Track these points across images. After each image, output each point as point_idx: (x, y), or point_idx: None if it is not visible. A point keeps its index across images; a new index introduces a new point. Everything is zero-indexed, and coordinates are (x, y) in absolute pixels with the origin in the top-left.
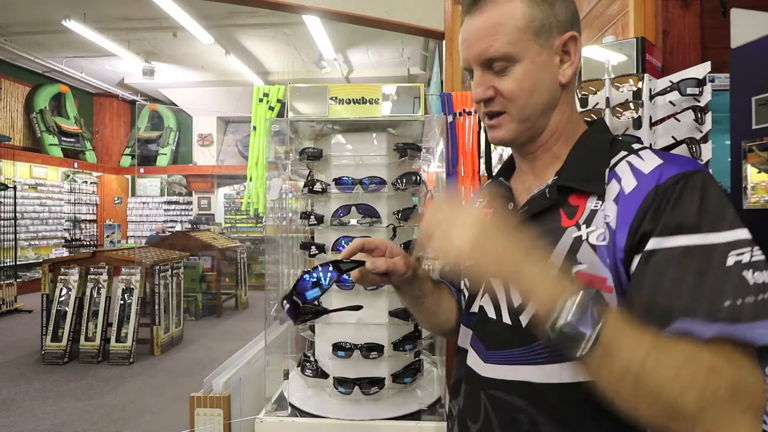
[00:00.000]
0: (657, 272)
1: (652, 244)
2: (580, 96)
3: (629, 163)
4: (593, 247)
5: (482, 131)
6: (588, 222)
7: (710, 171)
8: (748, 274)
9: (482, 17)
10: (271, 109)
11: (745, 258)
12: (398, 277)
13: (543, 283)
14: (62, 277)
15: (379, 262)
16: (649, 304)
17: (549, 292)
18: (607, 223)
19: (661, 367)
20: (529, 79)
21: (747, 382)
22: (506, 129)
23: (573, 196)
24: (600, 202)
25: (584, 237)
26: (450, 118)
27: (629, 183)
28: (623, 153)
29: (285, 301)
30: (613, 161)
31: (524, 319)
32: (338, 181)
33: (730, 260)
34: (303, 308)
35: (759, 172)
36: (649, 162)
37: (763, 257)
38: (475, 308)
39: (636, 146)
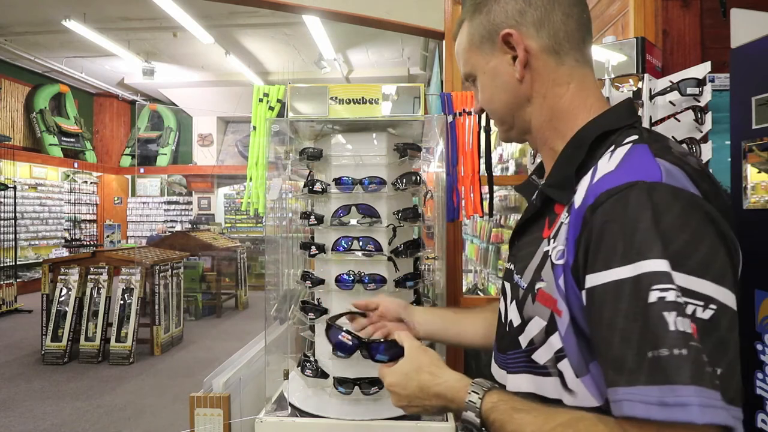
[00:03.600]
0: (598, 316)
1: (589, 281)
2: None
3: (596, 166)
4: (553, 265)
5: (482, 131)
6: (556, 236)
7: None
8: (670, 317)
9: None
10: (271, 109)
11: (669, 296)
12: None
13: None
14: (62, 277)
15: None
16: (598, 352)
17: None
18: (567, 239)
19: None
20: (486, 88)
21: None
22: (498, 130)
23: (558, 203)
24: (568, 214)
25: (550, 252)
26: (450, 118)
27: (580, 193)
28: (609, 149)
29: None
30: (599, 161)
31: (515, 320)
32: (338, 181)
33: (652, 296)
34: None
35: (759, 172)
36: (607, 167)
37: (679, 294)
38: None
39: (628, 140)
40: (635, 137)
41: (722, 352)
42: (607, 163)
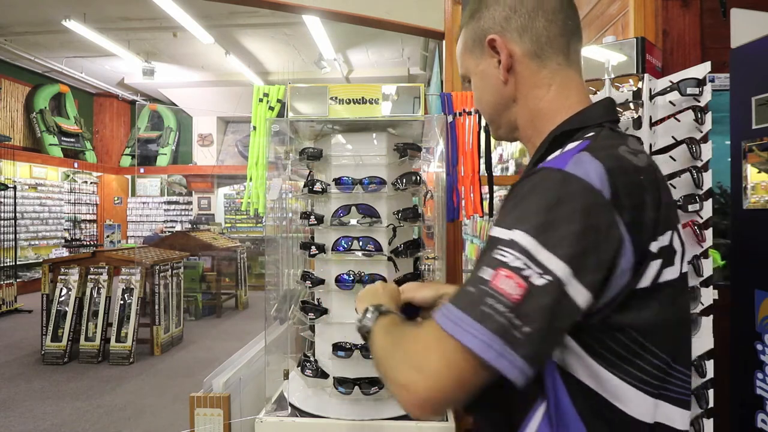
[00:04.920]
0: None
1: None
2: None
3: (546, 160)
4: None
5: (482, 131)
6: None
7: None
8: (489, 268)
9: None
10: (271, 109)
11: (499, 255)
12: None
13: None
14: (62, 277)
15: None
16: None
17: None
18: None
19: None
20: (477, 89)
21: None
22: (490, 128)
23: None
24: None
25: None
26: (450, 118)
27: None
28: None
29: None
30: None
31: None
32: (338, 181)
33: (500, 253)
34: None
35: (759, 172)
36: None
37: (517, 258)
38: None
39: (586, 136)
40: (592, 134)
41: (534, 318)
42: (552, 156)
